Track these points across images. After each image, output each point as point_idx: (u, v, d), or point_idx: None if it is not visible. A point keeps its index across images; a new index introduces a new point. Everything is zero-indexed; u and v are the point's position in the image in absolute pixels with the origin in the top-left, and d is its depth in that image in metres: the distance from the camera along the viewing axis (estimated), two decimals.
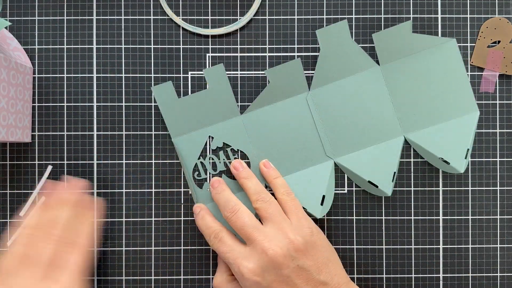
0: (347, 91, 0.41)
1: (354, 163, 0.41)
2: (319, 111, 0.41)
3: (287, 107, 0.41)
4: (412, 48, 0.41)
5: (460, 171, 0.40)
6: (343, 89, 0.41)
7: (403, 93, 0.41)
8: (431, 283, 0.42)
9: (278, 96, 0.41)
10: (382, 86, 0.41)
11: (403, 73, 0.41)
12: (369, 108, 0.41)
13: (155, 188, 0.42)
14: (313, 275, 0.35)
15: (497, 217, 0.43)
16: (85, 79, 0.42)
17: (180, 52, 0.42)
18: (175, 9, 0.42)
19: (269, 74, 0.41)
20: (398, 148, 0.41)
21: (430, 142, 0.41)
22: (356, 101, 0.41)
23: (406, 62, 0.41)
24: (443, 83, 0.41)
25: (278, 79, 0.41)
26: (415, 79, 0.41)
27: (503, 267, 0.42)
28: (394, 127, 0.41)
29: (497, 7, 0.42)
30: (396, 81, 0.41)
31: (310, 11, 0.42)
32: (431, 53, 0.41)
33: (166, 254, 0.42)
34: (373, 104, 0.41)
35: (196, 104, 0.41)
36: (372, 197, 0.42)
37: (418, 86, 0.41)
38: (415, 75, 0.41)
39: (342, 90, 0.41)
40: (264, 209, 0.37)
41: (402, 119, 0.41)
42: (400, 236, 0.42)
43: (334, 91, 0.41)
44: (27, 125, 0.41)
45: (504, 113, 0.43)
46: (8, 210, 0.42)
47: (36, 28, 0.42)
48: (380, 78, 0.41)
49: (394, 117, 0.41)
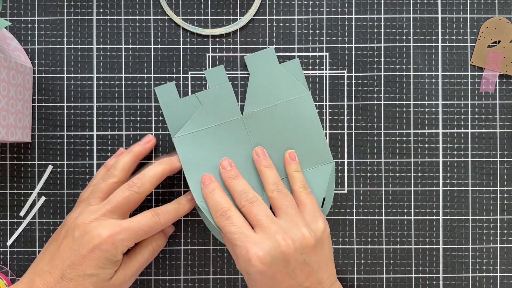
0: (277, 116, 0.41)
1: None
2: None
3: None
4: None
5: None
6: (274, 114, 0.41)
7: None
8: (431, 283, 0.42)
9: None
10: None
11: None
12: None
13: (155, 188, 0.42)
14: (314, 272, 0.35)
15: (497, 217, 0.43)
16: (85, 79, 0.42)
17: (180, 52, 0.42)
18: (175, 9, 0.42)
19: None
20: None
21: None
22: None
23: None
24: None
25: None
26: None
27: (503, 267, 0.42)
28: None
29: (497, 7, 0.42)
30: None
31: (310, 11, 0.42)
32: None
33: (166, 254, 0.42)
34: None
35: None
36: (372, 197, 0.42)
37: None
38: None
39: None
40: (280, 200, 0.38)
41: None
42: (400, 236, 0.42)
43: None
44: (27, 125, 0.41)
45: (504, 113, 0.43)
46: (8, 210, 0.42)
47: (36, 28, 0.42)
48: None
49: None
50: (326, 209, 0.42)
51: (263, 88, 0.41)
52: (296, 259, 0.35)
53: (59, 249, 0.35)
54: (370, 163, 0.42)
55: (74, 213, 0.37)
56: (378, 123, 0.43)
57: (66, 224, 0.37)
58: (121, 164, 0.39)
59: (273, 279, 0.35)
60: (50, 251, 0.36)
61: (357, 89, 0.42)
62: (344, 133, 0.42)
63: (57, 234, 0.37)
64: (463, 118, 0.43)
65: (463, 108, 0.43)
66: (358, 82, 0.42)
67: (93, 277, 0.35)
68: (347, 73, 0.42)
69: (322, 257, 0.36)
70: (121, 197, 0.37)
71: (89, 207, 0.37)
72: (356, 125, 0.42)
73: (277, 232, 0.35)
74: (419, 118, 0.43)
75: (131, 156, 0.39)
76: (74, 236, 0.35)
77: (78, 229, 0.35)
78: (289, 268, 0.35)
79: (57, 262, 0.35)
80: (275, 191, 0.38)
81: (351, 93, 0.42)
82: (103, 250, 0.35)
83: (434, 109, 0.43)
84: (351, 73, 0.42)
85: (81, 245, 0.35)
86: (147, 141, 0.41)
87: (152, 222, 0.37)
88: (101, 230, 0.35)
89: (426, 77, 0.42)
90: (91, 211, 0.36)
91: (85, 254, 0.34)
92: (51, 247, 0.36)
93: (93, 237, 0.35)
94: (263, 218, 0.36)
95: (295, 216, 0.37)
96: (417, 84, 0.42)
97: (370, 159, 0.43)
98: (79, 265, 0.34)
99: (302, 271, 0.35)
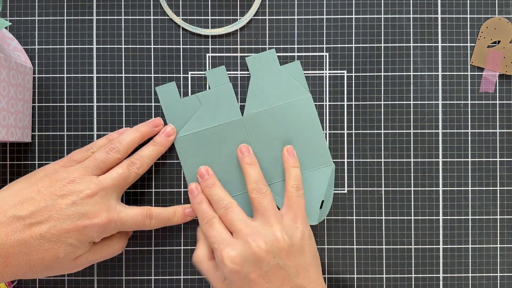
0: (277, 117, 0.41)
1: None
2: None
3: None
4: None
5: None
6: (274, 115, 0.41)
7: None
8: (431, 283, 0.42)
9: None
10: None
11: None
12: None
13: (155, 188, 0.42)
14: (290, 277, 0.35)
15: (497, 217, 0.43)
16: (85, 79, 0.42)
17: (180, 52, 0.42)
18: (175, 9, 0.42)
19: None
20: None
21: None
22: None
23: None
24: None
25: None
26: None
27: (503, 267, 0.42)
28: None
29: (497, 7, 0.42)
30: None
31: (310, 11, 0.42)
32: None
33: (166, 254, 0.42)
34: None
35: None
36: (372, 197, 0.42)
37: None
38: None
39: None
40: (258, 201, 0.38)
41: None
42: (400, 236, 0.43)
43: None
44: (27, 125, 0.41)
45: (504, 113, 0.43)
46: None
47: (36, 28, 0.42)
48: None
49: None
50: (325, 212, 0.42)
51: (263, 89, 0.41)
52: (268, 262, 0.35)
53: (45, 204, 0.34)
54: (370, 163, 0.43)
55: (66, 172, 0.36)
56: (378, 123, 0.43)
57: (54, 179, 0.35)
58: (127, 141, 0.39)
59: (248, 280, 0.35)
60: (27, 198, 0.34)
61: (357, 89, 0.42)
62: (344, 133, 0.43)
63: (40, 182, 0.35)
64: (463, 118, 0.43)
65: (463, 108, 0.43)
66: (358, 82, 0.42)
67: (69, 248, 0.34)
68: (347, 73, 0.42)
69: (300, 263, 0.36)
70: (122, 176, 0.37)
71: (89, 176, 0.36)
72: (356, 125, 0.43)
73: (248, 235, 0.36)
74: (419, 118, 0.43)
75: (138, 136, 0.39)
76: (69, 200, 0.34)
77: (77, 196, 0.35)
78: (262, 269, 0.35)
79: (40, 217, 0.34)
80: (254, 190, 0.38)
81: (351, 93, 0.42)
82: (94, 230, 0.35)
83: (434, 109, 0.43)
84: (351, 73, 0.42)
85: (75, 213, 0.34)
86: (155, 125, 0.41)
87: (143, 222, 0.38)
88: (102, 212, 0.35)
89: (426, 77, 0.42)
90: (91, 181, 0.36)
91: (78, 224, 0.34)
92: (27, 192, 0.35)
93: (94, 214, 0.35)
94: (237, 223, 0.37)
95: (271, 218, 0.37)
96: (417, 84, 0.42)
97: (370, 159, 0.43)
98: (66, 232, 0.34)
99: (276, 275, 0.35)
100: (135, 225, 0.37)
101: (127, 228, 0.37)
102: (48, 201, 0.34)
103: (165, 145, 0.40)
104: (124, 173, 0.37)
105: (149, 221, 0.38)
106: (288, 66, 0.42)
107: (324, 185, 0.41)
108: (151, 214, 0.38)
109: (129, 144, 0.39)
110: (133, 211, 0.37)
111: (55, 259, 0.34)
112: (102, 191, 0.36)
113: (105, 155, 0.37)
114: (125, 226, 0.37)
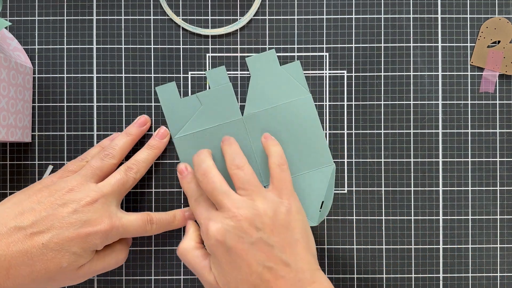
0: (277, 118, 0.41)
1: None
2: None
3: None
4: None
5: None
6: (274, 115, 0.41)
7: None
8: (431, 283, 0.42)
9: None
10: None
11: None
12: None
13: (155, 188, 0.42)
14: (275, 252, 0.34)
15: (497, 217, 0.43)
16: (85, 79, 0.42)
17: (180, 52, 0.42)
18: (175, 9, 0.42)
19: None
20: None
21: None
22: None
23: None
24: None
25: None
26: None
27: (503, 267, 0.42)
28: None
29: (497, 7, 0.42)
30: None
31: (310, 11, 0.42)
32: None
33: (166, 254, 0.42)
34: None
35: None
36: (372, 197, 0.42)
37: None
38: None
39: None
40: (237, 177, 0.37)
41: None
42: (400, 236, 0.43)
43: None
44: (27, 125, 0.41)
45: (504, 113, 0.43)
46: None
47: (36, 28, 0.42)
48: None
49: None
50: (325, 212, 0.42)
51: (263, 89, 0.41)
52: (251, 235, 0.34)
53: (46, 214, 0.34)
54: (370, 163, 0.43)
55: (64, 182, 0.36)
56: (378, 123, 0.43)
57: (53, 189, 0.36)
58: (120, 145, 0.39)
59: (232, 253, 0.34)
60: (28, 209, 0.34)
61: (357, 89, 0.42)
62: (344, 133, 0.43)
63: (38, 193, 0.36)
64: (463, 118, 0.43)
65: (463, 108, 0.43)
66: (358, 82, 0.42)
67: (73, 256, 0.34)
68: (347, 73, 0.42)
69: (285, 239, 0.35)
70: (120, 181, 0.37)
71: (87, 184, 0.36)
72: (356, 125, 0.43)
73: (231, 208, 0.35)
74: (419, 118, 0.43)
75: (129, 139, 0.40)
76: (70, 209, 0.34)
77: (78, 204, 0.35)
78: (244, 242, 0.34)
79: (42, 226, 0.34)
80: (232, 166, 0.37)
81: (351, 93, 0.42)
82: (97, 237, 0.35)
83: (434, 109, 0.43)
84: (351, 73, 0.42)
85: (77, 221, 0.34)
86: (142, 123, 0.41)
87: (143, 229, 0.38)
88: (104, 218, 0.35)
89: (426, 77, 0.43)
90: (91, 189, 0.36)
91: (81, 232, 0.34)
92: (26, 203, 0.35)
93: (96, 221, 0.35)
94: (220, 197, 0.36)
95: (254, 193, 0.36)
96: (417, 84, 0.42)
97: (370, 159, 0.43)
98: (69, 241, 0.34)
99: (260, 249, 0.34)
100: (136, 230, 0.37)
101: (129, 234, 0.37)
102: (49, 210, 0.34)
103: (160, 148, 0.41)
104: (122, 178, 0.37)
105: (150, 226, 0.38)
106: (288, 66, 0.42)
107: (324, 186, 0.41)
108: (152, 219, 0.38)
109: (122, 148, 0.39)
110: (133, 217, 0.37)
111: (59, 269, 0.34)
112: (102, 198, 0.36)
113: (101, 162, 0.37)
114: (127, 232, 0.37)
